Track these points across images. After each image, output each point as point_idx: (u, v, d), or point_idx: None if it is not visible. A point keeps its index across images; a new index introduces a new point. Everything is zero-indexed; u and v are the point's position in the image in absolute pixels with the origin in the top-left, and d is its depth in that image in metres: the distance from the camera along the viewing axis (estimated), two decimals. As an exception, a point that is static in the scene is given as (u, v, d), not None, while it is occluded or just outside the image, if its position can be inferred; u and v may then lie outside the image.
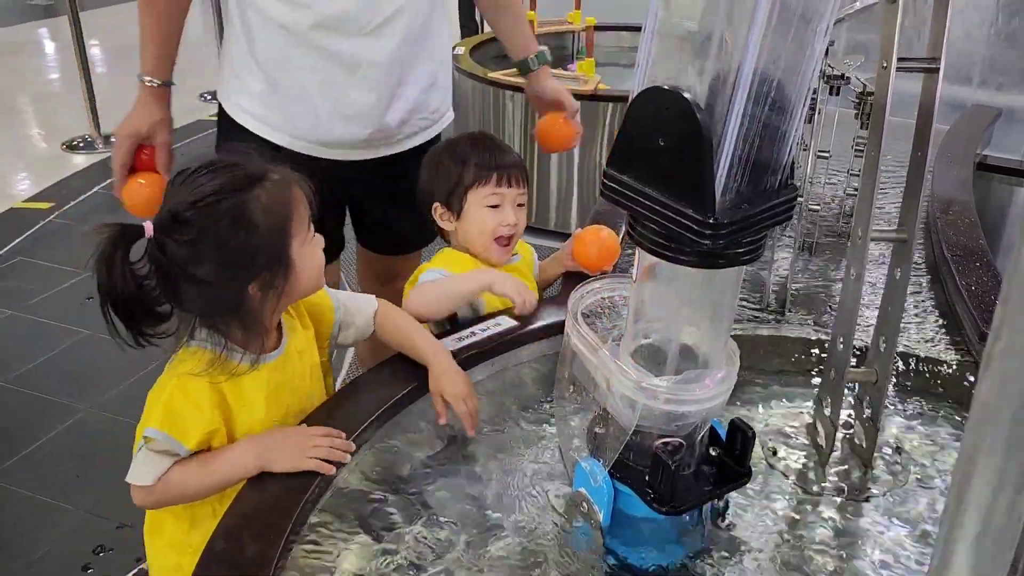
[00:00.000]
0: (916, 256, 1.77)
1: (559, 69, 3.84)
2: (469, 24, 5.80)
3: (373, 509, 1.16)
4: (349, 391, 1.38)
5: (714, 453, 1.08)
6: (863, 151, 1.17)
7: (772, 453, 1.30)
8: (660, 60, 0.89)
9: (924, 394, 1.43)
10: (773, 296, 1.67)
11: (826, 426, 1.25)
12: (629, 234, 0.96)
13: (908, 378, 1.45)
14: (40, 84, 6.26)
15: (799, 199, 1.58)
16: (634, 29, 4.20)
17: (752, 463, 1.08)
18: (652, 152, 0.88)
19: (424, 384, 1.32)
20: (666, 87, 0.85)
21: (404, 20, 1.60)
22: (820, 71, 1.46)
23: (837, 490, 1.23)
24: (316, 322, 1.36)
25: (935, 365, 1.46)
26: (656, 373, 0.99)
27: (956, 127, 2.64)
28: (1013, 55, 3.05)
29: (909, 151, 1.15)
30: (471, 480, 1.23)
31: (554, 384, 1.20)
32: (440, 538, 1.12)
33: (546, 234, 3.74)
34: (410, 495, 1.19)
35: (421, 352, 1.35)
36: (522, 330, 1.46)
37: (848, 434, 1.30)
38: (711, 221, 0.84)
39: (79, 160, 4.71)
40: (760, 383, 1.45)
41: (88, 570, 2.06)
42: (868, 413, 1.25)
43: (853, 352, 1.21)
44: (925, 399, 1.42)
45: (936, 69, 1.10)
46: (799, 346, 1.53)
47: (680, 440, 1.03)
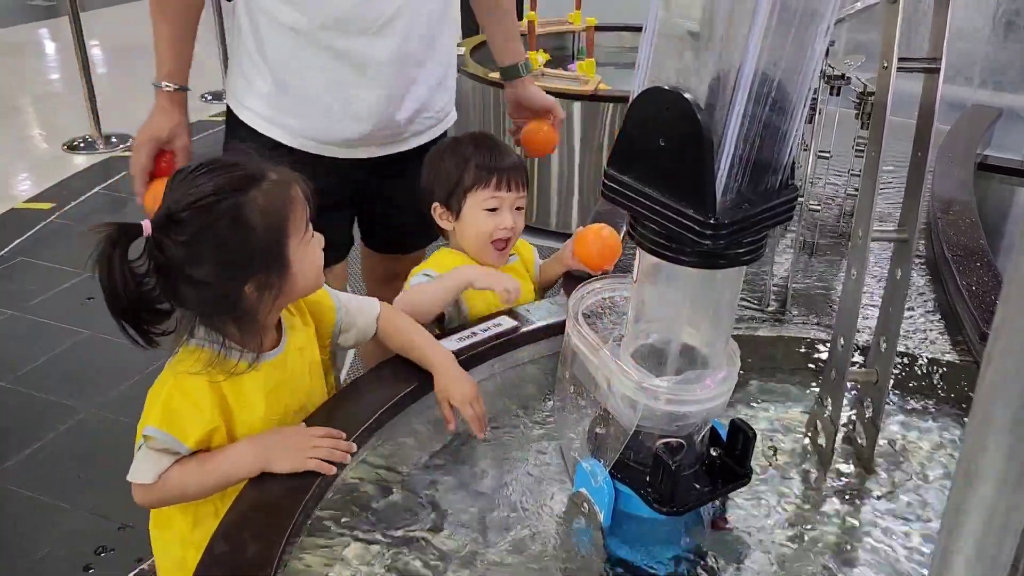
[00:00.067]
0: (917, 256, 1.77)
1: (559, 69, 3.84)
2: (473, 25, 5.79)
3: (373, 510, 1.16)
4: (350, 391, 1.38)
5: (715, 453, 1.08)
6: (864, 151, 1.16)
7: (772, 453, 1.30)
8: (661, 60, 0.89)
9: (925, 394, 1.43)
10: (773, 296, 1.67)
11: (827, 426, 1.25)
12: (630, 234, 0.96)
13: (909, 378, 1.45)
14: (41, 84, 6.26)
15: (800, 199, 1.58)
16: (635, 29, 4.19)
17: (752, 463, 1.08)
18: (653, 152, 0.88)
19: (425, 384, 1.32)
20: (667, 87, 0.86)
21: (408, 19, 1.60)
22: (821, 71, 1.46)
23: (838, 490, 1.23)
24: (316, 320, 1.36)
25: (936, 365, 1.46)
26: (657, 373, 0.99)
27: (957, 127, 2.63)
28: (1013, 55, 3.05)
29: (910, 151, 1.15)
30: (472, 480, 1.23)
31: (555, 384, 1.20)
32: (441, 538, 1.12)
33: (547, 234, 3.74)
34: (411, 496, 1.19)
35: (426, 357, 1.34)
36: (522, 330, 1.47)
37: (849, 434, 1.30)
38: (712, 221, 0.85)
39: (80, 161, 4.71)
40: (761, 383, 1.45)
41: (89, 570, 2.06)
42: (869, 413, 1.25)
43: (854, 352, 1.21)
44: (926, 399, 1.42)
45: (936, 69, 1.10)
46: (800, 346, 1.53)
47: (681, 440, 1.03)
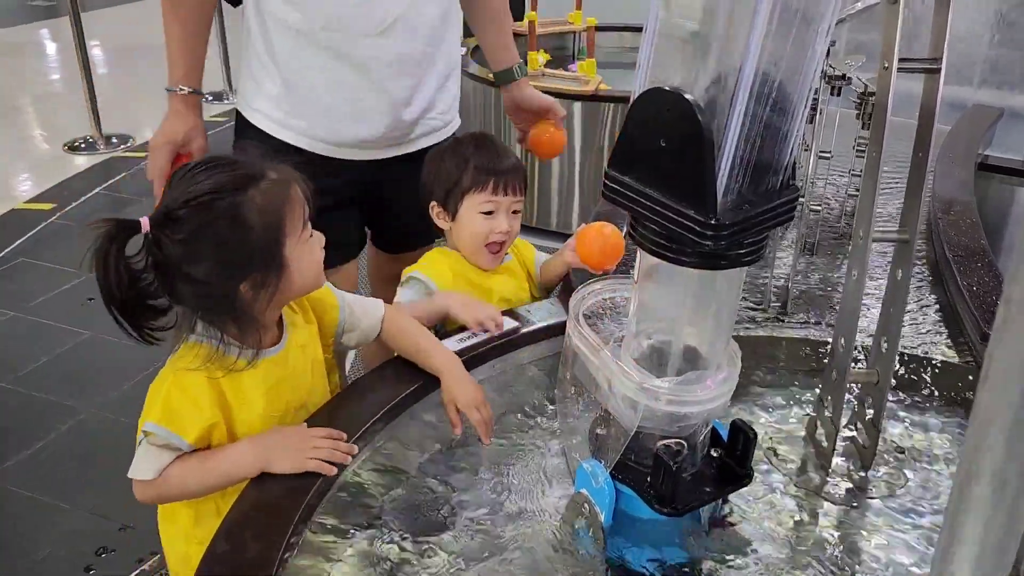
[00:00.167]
0: (917, 256, 1.77)
1: (560, 69, 3.84)
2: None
3: (375, 510, 1.16)
4: (352, 392, 1.38)
5: (715, 454, 1.08)
6: (864, 151, 1.17)
7: (773, 454, 1.30)
8: (661, 61, 0.89)
9: (926, 395, 1.43)
10: (774, 297, 1.67)
11: (827, 427, 1.25)
12: (630, 235, 0.96)
13: (910, 379, 1.45)
14: (41, 85, 6.25)
15: (800, 199, 1.58)
16: (635, 29, 4.20)
17: (753, 464, 1.08)
18: (653, 153, 0.88)
19: (427, 385, 1.33)
20: (667, 88, 0.85)
21: (410, 21, 1.61)
22: (821, 71, 1.46)
23: (838, 491, 1.23)
24: (319, 318, 1.36)
25: (936, 366, 1.46)
26: (658, 374, 0.99)
27: (957, 127, 2.64)
28: (1014, 55, 3.05)
29: (910, 151, 1.15)
30: (473, 481, 1.23)
31: (555, 385, 1.20)
32: (442, 539, 1.12)
33: (547, 234, 3.73)
34: (412, 496, 1.19)
35: (431, 360, 1.34)
36: (523, 331, 1.47)
37: (849, 435, 1.30)
38: (712, 222, 0.84)
39: (81, 161, 4.72)
40: (761, 384, 1.45)
41: (90, 571, 2.06)
42: (870, 414, 1.25)
43: (854, 353, 1.21)
44: (927, 400, 1.42)
45: (937, 70, 1.10)
46: (800, 347, 1.53)
47: (681, 441, 1.03)
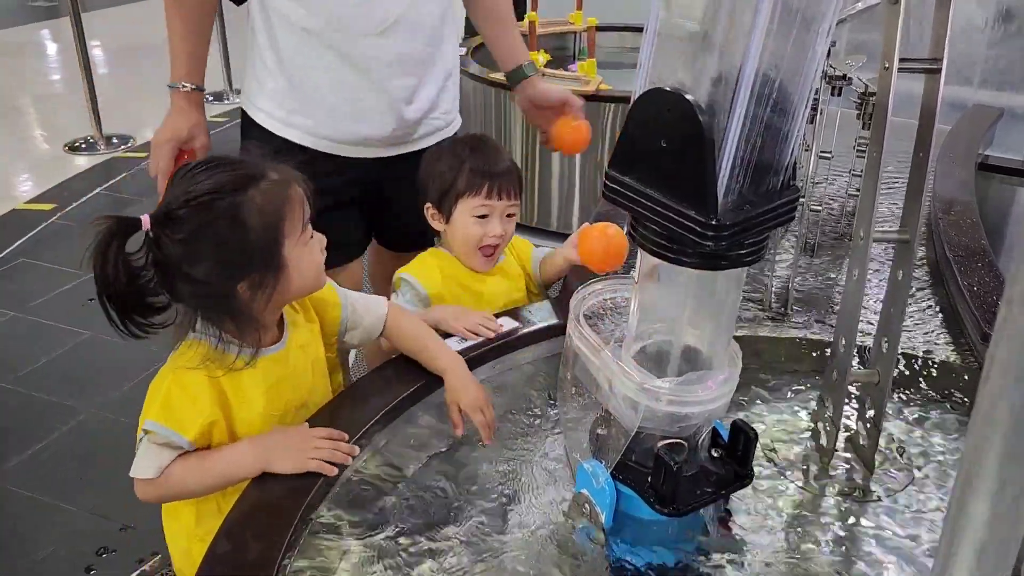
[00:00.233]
0: (918, 257, 1.77)
1: (560, 70, 3.84)
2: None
3: (375, 510, 1.16)
4: (353, 392, 1.38)
5: (716, 454, 1.08)
6: (865, 152, 1.16)
7: (774, 454, 1.30)
8: (662, 61, 0.89)
9: (926, 395, 1.43)
10: (775, 297, 1.67)
11: (828, 427, 1.25)
12: (631, 235, 0.96)
13: (910, 379, 1.45)
14: (42, 85, 6.25)
15: (801, 200, 1.58)
16: (636, 30, 4.20)
17: (754, 464, 1.08)
18: (654, 153, 0.88)
19: (428, 385, 1.33)
20: (668, 88, 0.85)
21: (410, 22, 1.61)
22: (822, 72, 1.46)
23: (839, 492, 1.23)
24: (320, 317, 1.36)
25: (937, 366, 1.46)
26: (658, 374, 0.99)
27: (958, 127, 2.63)
28: (1014, 55, 3.05)
29: (911, 151, 1.14)
30: (474, 481, 1.23)
31: (556, 385, 1.20)
32: (443, 539, 1.12)
33: (547, 235, 3.73)
34: (413, 497, 1.19)
35: (436, 360, 1.34)
36: (523, 332, 1.47)
37: (850, 435, 1.30)
38: (713, 223, 0.84)
39: (81, 161, 4.72)
40: (762, 384, 1.45)
41: (91, 571, 2.06)
42: (870, 414, 1.25)
43: (855, 353, 1.21)
44: (927, 400, 1.42)
45: (938, 70, 1.10)
46: (801, 347, 1.53)
47: (682, 441, 1.03)
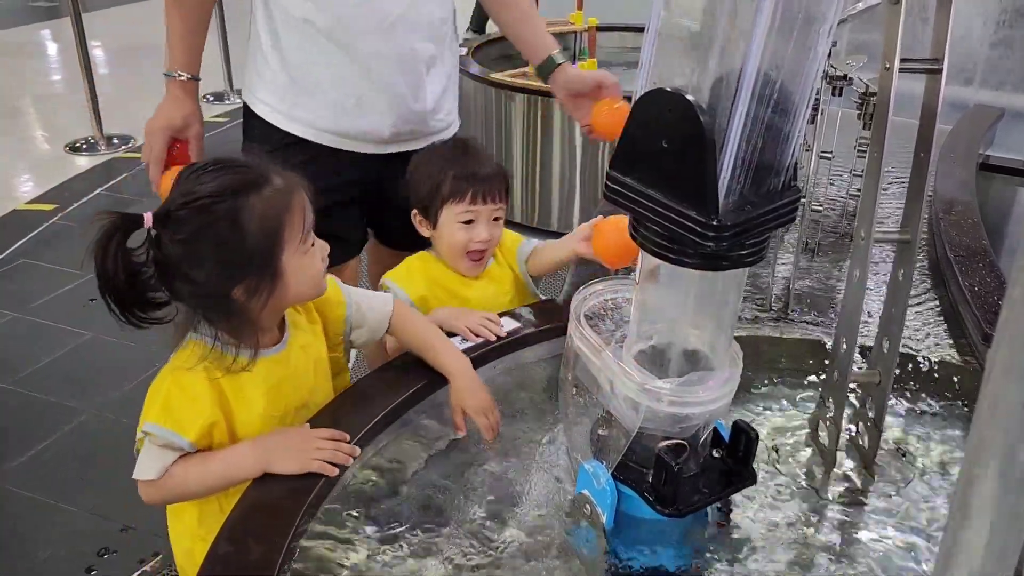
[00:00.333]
0: (919, 257, 1.77)
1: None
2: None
3: (376, 511, 1.16)
4: (354, 392, 1.38)
5: (717, 455, 1.08)
6: (866, 152, 1.16)
7: (775, 454, 1.30)
8: (663, 61, 0.89)
9: (927, 395, 1.43)
10: (776, 297, 1.67)
11: (829, 428, 1.25)
12: (632, 236, 0.96)
13: (911, 379, 1.45)
14: (43, 86, 6.26)
15: (802, 200, 1.58)
16: (636, 30, 4.20)
17: (755, 465, 1.08)
18: (655, 154, 0.88)
19: (429, 385, 1.33)
20: (669, 89, 0.85)
21: (411, 21, 1.61)
22: (823, 72, 1.45)
23: (840, 492, 1.23)
24: (323, 317, 1.36)
25: (938, 366, 1.46)
26: (659, 375, 0.99)
27: (959, 127, 2.63)
28: (1015, 55, 3.04)
29: (912, 151, 1.14)
30: (475, 482, 1.23)
31: (557, 386, 1.20)
32: (444, 540, 1.12)
33: (548, 235, 3.72)
34: (414, 497, 1.19)
35: (442, 362, 1.34)
36: (525, 332, 1.47)
37: (851, 436, 1.30)
38: (714, 223, 0.84)
39: (82, 162, 4.72)
40: (763, 384, 1.45)
41: (92, 572, 2.06)
42: (871, 415, 1.25)
43: (856, 353, 1.21)
44: (928, 400, 1.42)
45: (939, 70, 1.10)
46: (802, 347, 1.53)
47: (683, 442, 1.03)
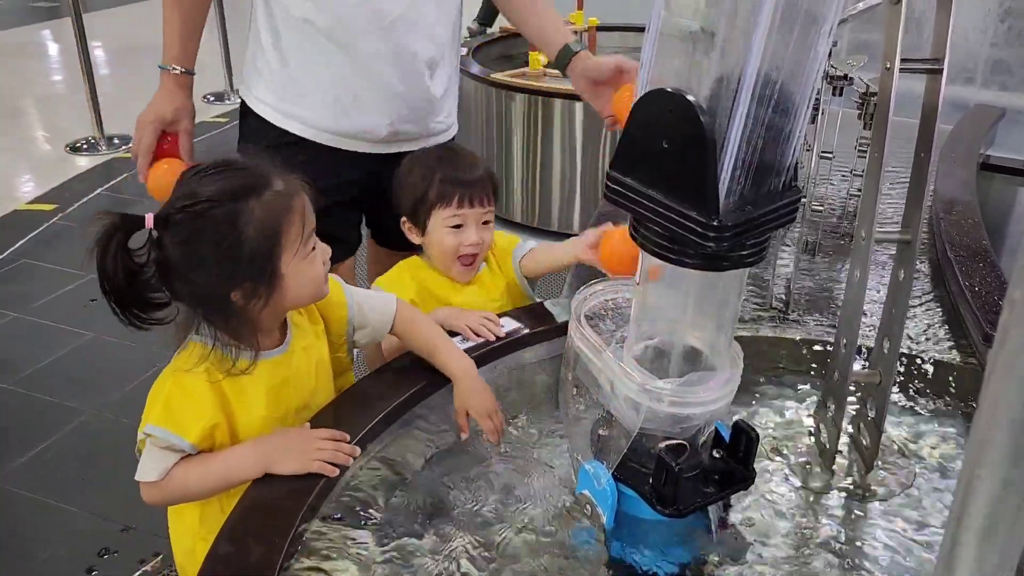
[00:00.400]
0: (920, 257, 1.77)
1: (561, 70, 3.84)
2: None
3: (377, 511, 1.16)
4: (354, 392, 1.38)
5: (718, 455, 1.08)
6: (866, 152, 1.16)
7: (776, 455, 1.30)
8: (663, 62, 0.89)
9: (928, 395, 1.43)
10: (776, 297, 1.67)
11: (829, 428, 1.25)
12: (633, 236, 0.96)
13: (912, 379, 1.45)
14: (43, 86, 6.27)
15: (802, 200, 1.58)
16: (636, 30, 4.20)
17: (756, 465, 1.08)
18: (656, 154, 0.88)
19: (430, 386, 1.33)
20: (669, 89, 0.85)
21: (409, 22, 1.60)
22: (824, 72, 1.45)
23: (841, 492, 1.23)
24: (325, 318, 1.36)
25: (939, 366, 1.46)
26: (660, 375, 0.99)
27: (959, 127, 2.63)
28: (1016, 55, 3.04)
29: (912, 151, 1.14)
30: (475, 482, 1.23)
31: (558, 386, 1.20)
32: (445, 540, 1.12)
33: (548, 235, 3.74)
34: (414, 497, 1.19)
35: (446, 365, 1.34)
36: (525, 332, 1.47)
37: (852, 436, 1.30)
38: (715, 224, 0.84)
39: (83, 162, 4.72)
40: (764, 385, 1.45)
41: (92, 572, 2.06)
42: (872, 415, 1.25)
43: (856, 353, 1.21)
44: (929, 401, 1.42)
45: (939, 70, 1.10)
46: (802, 347, 1.53)
47: (684, 442, 1.03)
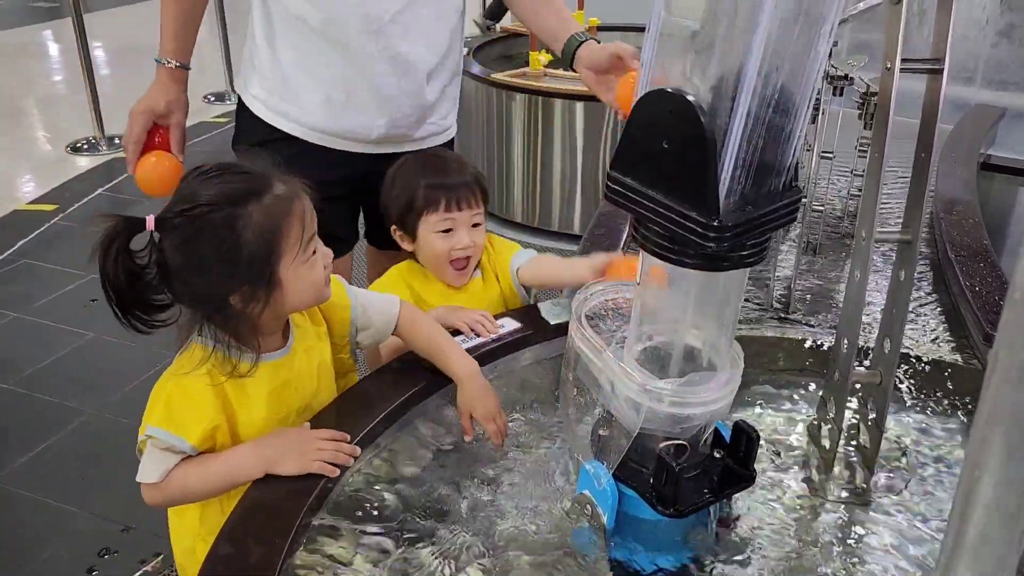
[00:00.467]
0: (920, 256, 1.77)
1: (560, 70, 3.84)
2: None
3: (377, 511, 1.16)
4: (354, 393, 1.38)
5: (718, 455, 1.08)
6: (866, 152, 1.16)
7: (776, 455, 1.30)
8: (664, 62, 0.89)
9: (928, 396, 1.43)
10: (777, 297, 1.67)
11: (830, 428, 1.25)
12: (633, 237, 0.95)
13: (912, 379, 1.45)
14: (44, 86, 6.27)
15: (803, 200, 1.58)
16: (637, 30, 4.19)
17: (756, 465, 1.08)
18: (656, 154, 0.88)
19: (430, 386, 1.33)
20: (670, 89, 0.85)
21: (405, 23, 1.60)
22: (824, 72, 1.45)
23: (841, 492, 1.23)
24: (328, 319, 1.36)
25: (939, 366, 1.46)
26: (660, 375, 0.99)
27: (960, 127, 2.63)
28: (1017, 54, 3.04)
29: (913, 151, 1.14)
30: (476, 482, 1.23)
31: (558, 386, 1.20)
32: (445, 541, 1.12)
33: (548, 235, 3.74)
34: (415, 498, 1.19)
35: (450, 367, 1.34)
36: (526, 332, 1.47)
37: (852, 436, 1.30)
38: (715, 224, 0.84)
39: (83, 162, 4.72)
40: (764, 385, 1.45)
41: (93, 572, 2.06)
42: (872, 415, 1.25)
43: (857, 353, 1.21)
44: (929, 401, 1.42)
45: (940, 70, 1.10)
46: (803, 347, 1.53)
47: (684, 442, 1.03)
